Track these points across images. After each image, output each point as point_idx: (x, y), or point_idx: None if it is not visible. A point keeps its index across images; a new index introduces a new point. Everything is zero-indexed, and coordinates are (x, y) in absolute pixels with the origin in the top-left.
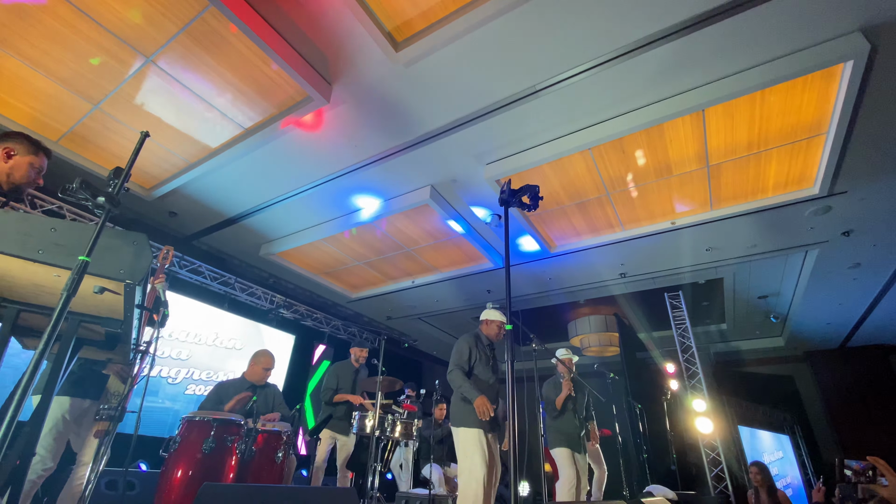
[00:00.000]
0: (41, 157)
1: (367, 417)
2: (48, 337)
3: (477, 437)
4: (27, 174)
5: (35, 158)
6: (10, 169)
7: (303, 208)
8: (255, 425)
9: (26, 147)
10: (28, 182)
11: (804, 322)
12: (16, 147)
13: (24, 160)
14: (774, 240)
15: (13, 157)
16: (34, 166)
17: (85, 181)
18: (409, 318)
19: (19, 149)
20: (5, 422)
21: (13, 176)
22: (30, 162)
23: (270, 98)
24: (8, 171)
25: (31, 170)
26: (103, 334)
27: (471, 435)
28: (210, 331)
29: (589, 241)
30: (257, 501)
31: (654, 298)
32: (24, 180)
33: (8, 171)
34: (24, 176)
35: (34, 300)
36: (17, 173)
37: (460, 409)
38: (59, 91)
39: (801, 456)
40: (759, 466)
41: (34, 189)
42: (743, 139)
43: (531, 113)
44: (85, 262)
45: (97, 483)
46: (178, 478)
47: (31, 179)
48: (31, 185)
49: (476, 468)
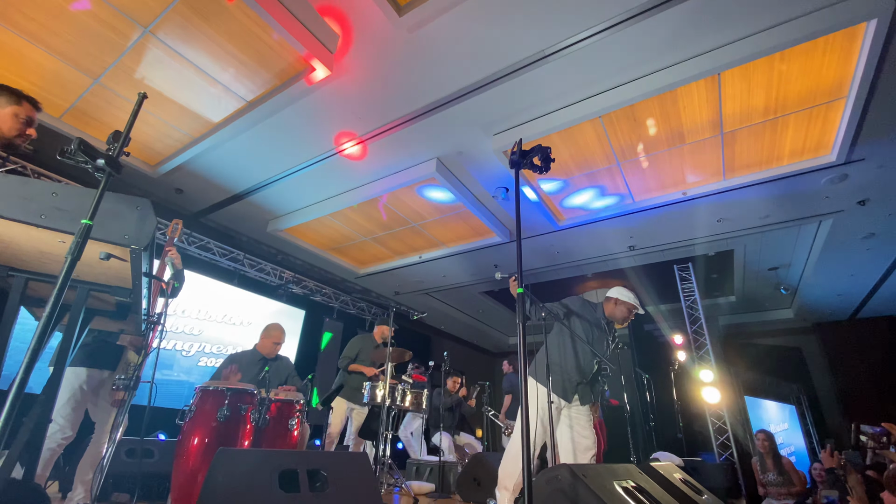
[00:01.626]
0: (26, 107)
1: (377, 387)
2: (54, 301)
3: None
4: (13, 125)
5: (19, 108)
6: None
7: (308, 184)
8: (267, 395)
9: (7, 98)
10: (18, 134)
11: (814, 294)
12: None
13: (6, 111)
14: (788, 210)
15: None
16: (19, 116)
17: (83, 142)
18: (416, 294)
19: (0, 101)
20: (13, 390)
21: (1, 130)
22: (14, 113)
23: (271, 68)
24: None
25: (16, 121)
26: (114, 304)
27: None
28: (221, 306)
29: (599, 213)
30: (271, 465)
31: (663, 271)
32: (12, 133)
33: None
34: (11, 128)
35: (41, 268)
36: (4, 126)
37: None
38: (58, 66)
39: (807, 425)
40: (765, 434)
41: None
42: (759, 104)
43: (539, 80)
44: (88, 226)
45: (117, 451)
46: (194, 445)
47: (20, 131)
48: (23, 137)
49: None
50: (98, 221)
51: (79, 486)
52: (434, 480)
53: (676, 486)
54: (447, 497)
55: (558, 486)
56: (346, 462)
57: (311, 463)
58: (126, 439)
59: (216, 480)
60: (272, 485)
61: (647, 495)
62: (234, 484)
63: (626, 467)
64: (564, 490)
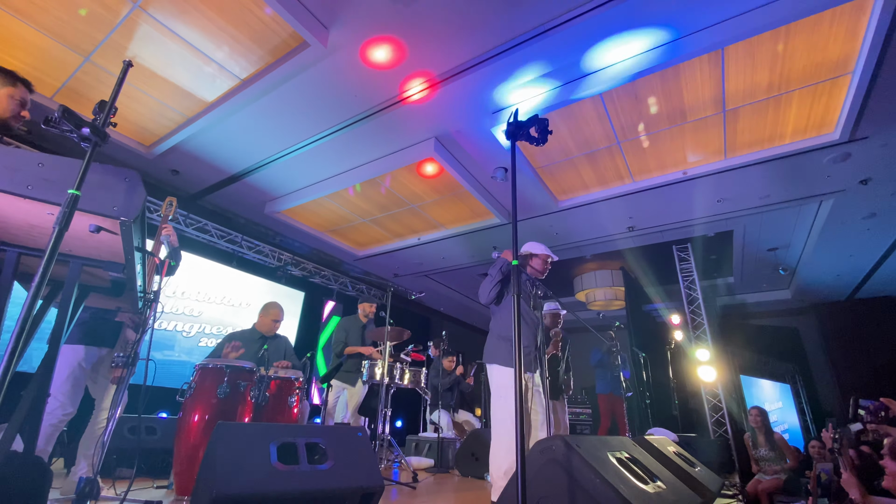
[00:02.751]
0: (20, 89)
1: (376, 366)
2: (42, 271)
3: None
4: (8, 106)
5: (13, 90)
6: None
7: (304, 164)
8: (266, 373)
9: (1, 79)
10: (12, 115)
11: (813, 274)
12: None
13: (1, 93)
14: (789, 189)
15: None
16: (14, 98)
17: (67, 110)
18: (416, 276)
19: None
20: (3, 362)
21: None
22: (9, 94)
23: (265, 44)
24: None
25: (11, 102)
26: (108, 280)
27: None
28: (219, 288)
29: (597, 194)
30: (270, 438)
31: (662, 252)
32: (6, 114)
33: None
34: (6, 109)
35: (31, 243)
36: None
37: (495, 345)
38: (48, 44)
39: (801, 404)
40: (758, 410)
41: (21, 126)
42: (763, 81)
43: (538, 55)
44: (75, 196)
45: (119, 428)
46: (195, 421)
47: (14, 113)
48: (17, 118)
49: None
50: (86, 193)
51: (82, 461)
52: (433, 456)
53: (670, 457)
54: (445, 472)
55: (552, 456)
56: (344, 436)
57: (310, 436)
58: (128, 416)
59: (215, 453)
60: (271, 457)
61: (641, 465)
62: (234, 457)
63: (620, 439)
64: (558, 460)
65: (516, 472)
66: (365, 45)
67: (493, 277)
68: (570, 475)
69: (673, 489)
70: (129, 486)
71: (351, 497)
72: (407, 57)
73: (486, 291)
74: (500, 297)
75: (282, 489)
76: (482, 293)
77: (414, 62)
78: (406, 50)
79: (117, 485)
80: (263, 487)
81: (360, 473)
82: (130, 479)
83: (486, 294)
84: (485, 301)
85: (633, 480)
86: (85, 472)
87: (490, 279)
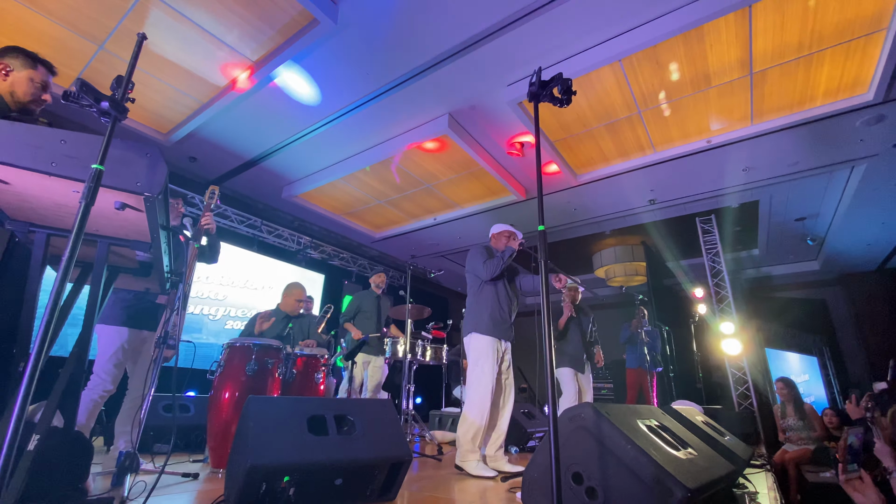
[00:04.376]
0: (41, 71)
1: (398, 343)
2: (71, 248)
3: (491, 344)
4: (28, 89)
5: (34, 72)
6: (11, 87)
7: (318, 147)
8: (293, 350)
9: (22, 61)
10: (33, 99)
11: (842, 244)
12: (11, 62)
13: (22, 75)
14: (819, 155)
15: (10, 73)
16: (34, 81)
17: (86, 83)
18: (433, 257)
19: (15, 64)
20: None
21: (16, 94)
22: (29, 77)
23: (274, 23)
24: (9, 89)
25: (31, 85)
26: (136, 261)
27: (482, 341)
28: (242, 272)
29: (617, 167)
30: (300, 411)
31: (684, 225)
32: (27, 97)
33: (9, 90)
34: (26, 92)
35: (60, 223)
36: (19, 90)
37: (474, 316)
38: (62, 33)
39: (828, 376)
40: (784, 382)
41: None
42: (793, 40)
43: (555, 22)
44: (99, 171)
45: (154, 406)
46: (226, 398)
47: (35, 96)
48: (38, 102)
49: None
50: (108, 168)
51: (120, 439)
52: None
53: (699, 426)
54: None
55: (581, 423)
56: (371, 408)
57: (338, 409)
58: (161, 395)
59: (248, 426)
60: (301, 429)
61: (671, 433)
62: (265, 429)
63: (648, 408)
64: (588, 427)
65: (548, 438)
66: (376, 17)
67: (504, 260)
68: (601, 442)
69: (704, 456)
70: (166, 459)
71: (380, 466)
72: (419, 29)
73: (493, 271)
74: (498, 278)
75: (314, 459)
76: (488, 271)
77: (427, 34)
78: (417, 22)
79: (155, 459)
80: (296, 457)
81: (389, 444)
82: (168, 453)
83: (491, 273)
84: (488, 277)
85: (665, 447)
86: (124, 448)
87: (499, 261)
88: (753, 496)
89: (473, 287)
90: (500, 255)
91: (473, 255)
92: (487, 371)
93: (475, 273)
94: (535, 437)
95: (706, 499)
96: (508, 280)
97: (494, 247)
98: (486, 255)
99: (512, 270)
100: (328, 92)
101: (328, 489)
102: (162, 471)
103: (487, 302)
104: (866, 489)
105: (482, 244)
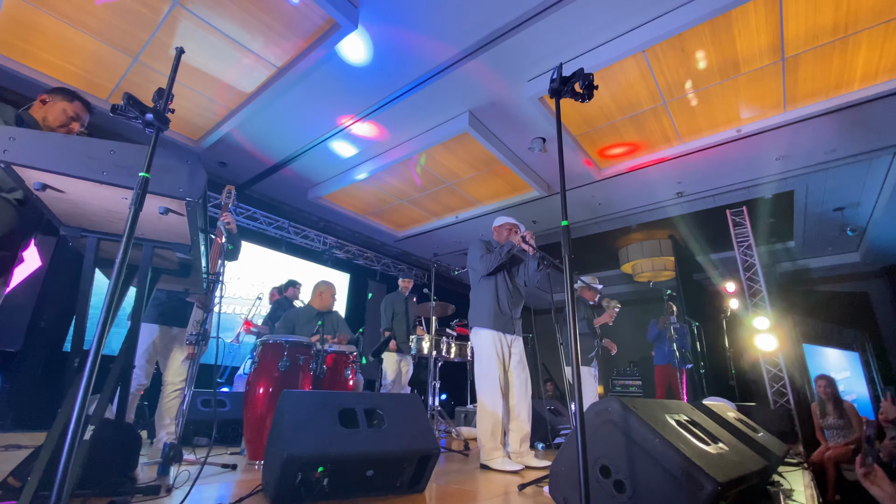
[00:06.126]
0: (76, 105)
1: (423, 340)
2: (123, 251)
3: (491, 338)
4: (59, 118)
5: (68, 105)
6: (45, 112)
7: (340, 150)
8: (322, 346)
9: (62, 96)
10: (61, 125)
11: (885, 234)
12: (52, 96)
13: (57, 105)
14: (858, 142)
15: (48, 103)
16: (67, 112)
17: (132, 97)
18: (455, 255)
19: (55, 97)
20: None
21: (47, 119)
22: (63, 108)
23: (298, 30)
24: (43, 114)
25: (63, 115)
26: (176, 263)
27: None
28: (272, 272)
29: (643, 159)
30: (332, 405)
31: (714, 218)
32: (56, 123)
33: (43, 115)
34: (56, 119)
35: (109, 228)
36: (51, 116)
37: (478, 310)
38: (98, 46)
39: (871, 373)
40: (826, 379)
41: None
42: (827, 22)
43: (576, 14)
44: (146, 179)
45: (193, 401)
46: (260, 394)
47: (63, 124)
48: (66, 131)
49: (491, 371)
50: (153, 176)
51: (160, 431)
52: None
53: (731, 422)
54: None
55: (608, 417)
56: (399, 402)
57: (368, 403)
58: (200, 391)
59: (283, 419)
60: (333, 421)
61: (701, 428)
62: (299, 422)
63: (677, 403)
64: (615, 421)
65: (575, 432)
66: (395, 19)
67: (501, 256)
68: (628, 436)
69: (736, 451)
70: (208, 451)
71: (409, 459)
72: (438, 27)
73: (490, 266)
74: (497, 271)
75: (346, 450)
76: (485, 266)
77: (446, 33)
78: (436, 21)
79: (195, 451)
80: (329, 448)
81: (418, 437)
82: (209, 445)
83: (488, 267)
84: (485, 272)
85: (695, 442)
86: (166, 439)
87: (496, 255)
88: (789, 493)
89: (474, 281)
90: (499, 250)
91: (472, 249)
92: (493, 365)
93: (473, 268)
94: (562, 434)
95: (738, 494)
96: (510, 274)
97: (496, 240)
98: (484, 250)
99: (514, 263)
100: (350, 94)
101: (360, 480)
102: (205, 461)
103: (487, 296)
104: (881, 481)
105: (482, 238)
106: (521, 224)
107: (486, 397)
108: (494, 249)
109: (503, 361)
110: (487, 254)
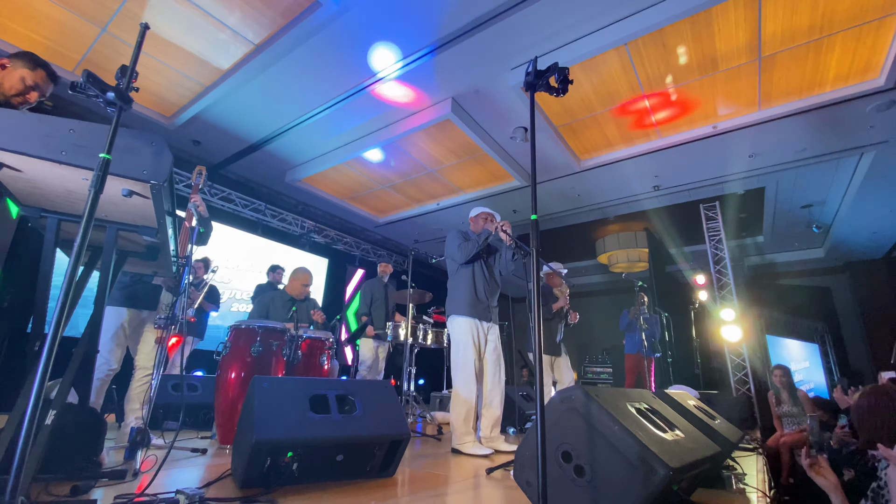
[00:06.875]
0: (38, 73)
1: (400, 326)
2: (82, 234)
3: (467, 326)
4: (15, 85)
5: (28, 73)
6: (2, 78)
7: (320, 131)
8: (296, 332)
9: (24, 62)
10: (16, 94)
11: (848, 232)
12: (13, 62)
13: (15, 72)
14: (828, 142)
15: (6, 69)
16: (25, 80)
17: (92, 74)
18: (436, 242)
19: (16, 63)
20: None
21: (3, 86)
22: (21, 75)
23: (276, 5)
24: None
25: (20, 83)
26: (144, 245)
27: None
28: (246, 256)
29: (622, 152)
30: (303, 391)
31: (688, 211)
32: (10, 91)
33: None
34: (12, 87)
35: (70, 209)
36: (7, 83)
37: (455, 298)
38: (64, 15)
39: (829, 364)
40: (782, 369)
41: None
42: (804, 23)
43: (560, 4)
44: (106, 160)
45: (163, 385)
46: (231, 378)
47: (19, 92)
48: (22, 100)
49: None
50: (115, 157)
51: (130, 416)
52: None
53: (689, 410)
54: None
55: (572, 405)
56: (372, 388)
57: (340, 389)
58: (170, 375)
59: (252, 404)
60: (304, 407)
61: (660, 416)
62: (270, 407)
63: (639, 391)
64: (578, 409)
65: (536, 419)
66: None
67: (478, 244)
68: (589, 423)
69: (691, 438)
70: (175, 435)
71: (380, 444)
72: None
73: (467, 254)
74: (474, 259)
75: (316, 435)
76: (463, 254)
77: (430, 17)
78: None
79: (165, 436)
80: (299, 433)
81: (388, 422)
82: (177, 429)
83: (465, 256)
84: (462, 260)
85: (652, 429)
86: (134, 424)
87: (473, 244)
88: (741, 477)
89: (451, 270)
90: (476, 239)
91: (450, 238)
92: (469, 352)
93: (451, 256)
94: (532, 419)
95: (691, 478)
96: (487, 263)
97: (473, 230)
98: (461, 239)
99: (490, 252)
100: (331, 75)
101: (330, 465)
102: (171, 445)
103: (464, 284)
104: (825, 472)
105: (459, 228)
106: (497, 213)
107: (461, 385)
108: (471, 239)
109: (479, 349)
110: (465, 242)
